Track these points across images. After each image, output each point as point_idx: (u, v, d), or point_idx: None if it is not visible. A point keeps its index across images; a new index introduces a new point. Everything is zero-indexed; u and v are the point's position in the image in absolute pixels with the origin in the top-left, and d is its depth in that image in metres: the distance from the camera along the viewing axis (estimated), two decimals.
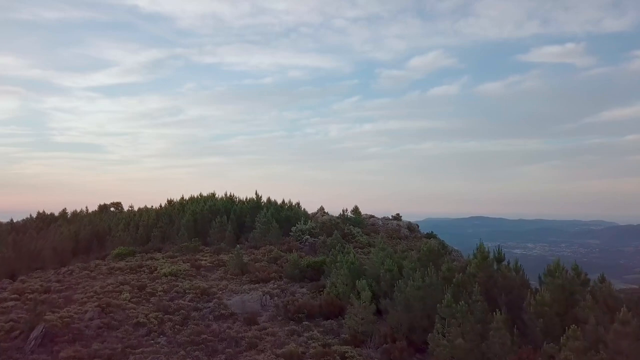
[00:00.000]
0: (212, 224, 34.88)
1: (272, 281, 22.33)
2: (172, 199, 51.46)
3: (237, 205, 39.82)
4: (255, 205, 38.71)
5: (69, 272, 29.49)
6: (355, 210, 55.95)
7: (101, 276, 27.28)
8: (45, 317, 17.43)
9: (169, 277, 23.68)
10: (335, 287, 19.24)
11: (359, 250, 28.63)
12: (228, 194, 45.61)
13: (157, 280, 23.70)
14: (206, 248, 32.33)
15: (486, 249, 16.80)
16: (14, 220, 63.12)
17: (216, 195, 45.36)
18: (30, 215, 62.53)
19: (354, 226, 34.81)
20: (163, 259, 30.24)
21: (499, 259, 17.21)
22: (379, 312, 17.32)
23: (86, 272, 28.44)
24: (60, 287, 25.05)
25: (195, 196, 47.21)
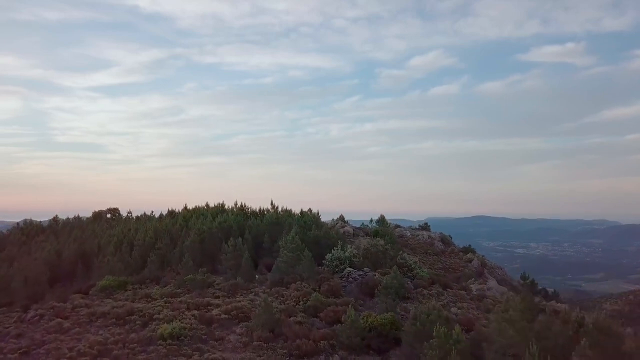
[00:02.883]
0: (224, 247, 27.13)
1: (323, 354, 14.56)
2: (173, 208, 44.02)
3: (251, 220, 32.09)
4: (274, 222, 30.95)
5: (37, 317, 21.70)
6: (382, 220, 48.26)
7: (76, 328, 19.53)
8: None
9: (169, 343, 15.91)
10: None
11: (423, 290, 20.82)
12: (239, 204, 38.00)
13: (151, 347, 15.95)
14: (216, 281, 24.56)
15: None
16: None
17: (225, 206, 37.72)
18: (18, 224, 55.13)
19: (401, 251, 26.99)
20: (161, 298, 22.50)
21: None
22: None
23: (58, 320, 20.66)
24: (14, 352, 17.28)
25: (201, 206, 39.67)
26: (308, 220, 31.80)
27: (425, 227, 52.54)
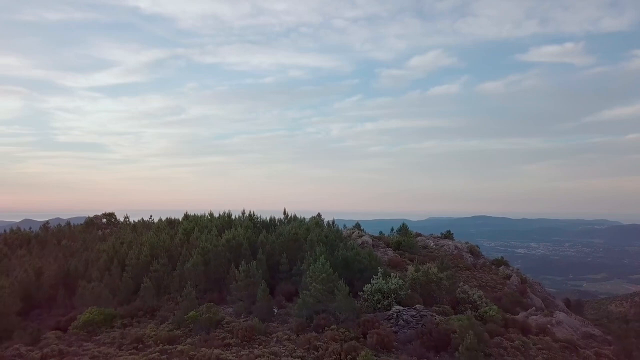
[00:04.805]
0: (234, 272, 21.84)
1: None
2: (172, 217, 38.78)
3: (263, 234, 26.72)
4: (291, 237, 25.60)
5: None
6: (404, 230, 43.08)
7: None
8: None
9: None
10: None
11: (503, 341, 15.43)
12: (247, 213, 32.67)
13: None
14: (225, 318, 19.22)
15: None
16: None
17: (232, 216, 32.39)
18: (5, 231, 49.82)
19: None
20: (156, 344, 17.18)
21: None
22: None
23: None
24: None
25: (204, 215, 34.37)
26: (331, 235, 26.52)
27: (448, 235, 47.36)
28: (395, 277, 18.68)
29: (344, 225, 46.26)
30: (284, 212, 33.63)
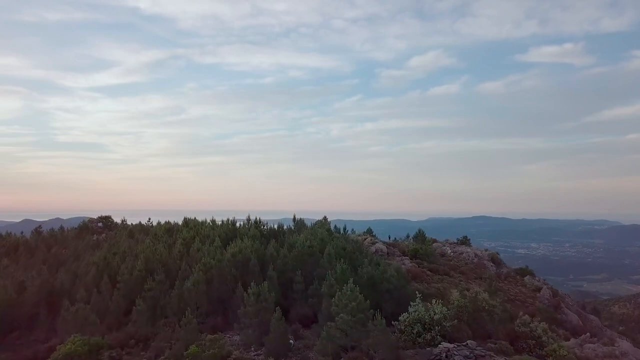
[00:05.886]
0: (241, 293, 18.45)
1: None
2: (172, 221, 35.50)
3: (272, 246, 23.32)
4: (306, 251, 22.18)
5: None
6: (421, 236, 39.68)
7: None
8: None
9: None
10: None
11: None
12: (253, 220, 29.32)
13: None
14: (233, 353, 15.84)
15: None
16: None
17: (237, 224, 29.01)
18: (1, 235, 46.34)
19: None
20: None
21: None
22: None
23: None
24: None
25: (206, 222, 31.07)
26: (349, 247, 23.13)
27: (464, 241, 43.97)
28: (439, 305, 15.31)
29: (352, 230, 42.94)
30: (294, 219, 30.32)
